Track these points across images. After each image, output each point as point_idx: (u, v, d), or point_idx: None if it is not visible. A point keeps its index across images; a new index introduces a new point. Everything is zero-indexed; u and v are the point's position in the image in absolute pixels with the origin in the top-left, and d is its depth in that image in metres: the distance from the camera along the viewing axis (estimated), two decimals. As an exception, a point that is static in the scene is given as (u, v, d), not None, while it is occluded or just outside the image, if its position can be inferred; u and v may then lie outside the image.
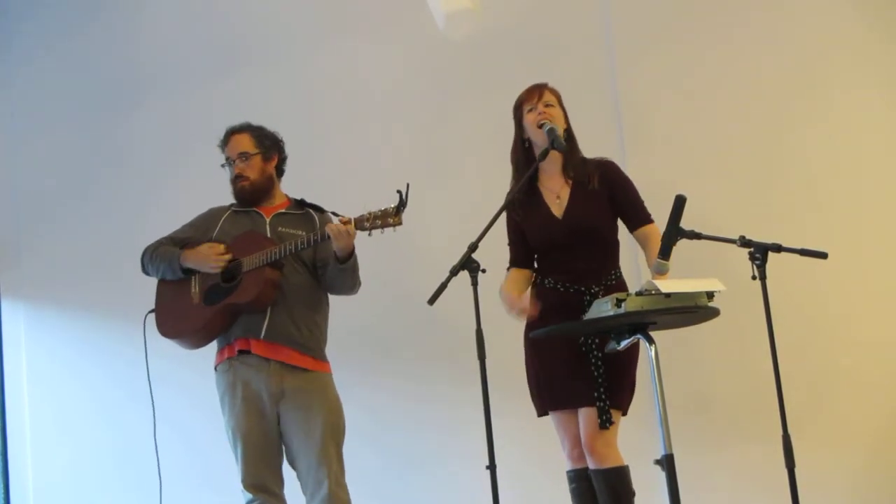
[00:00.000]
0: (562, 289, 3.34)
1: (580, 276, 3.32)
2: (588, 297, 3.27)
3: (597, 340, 3.26)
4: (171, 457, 3.90)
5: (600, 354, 3.25)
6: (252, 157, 3.66)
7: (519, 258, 3.49)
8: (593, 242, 3.37)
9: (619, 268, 3.42)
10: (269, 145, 3.70)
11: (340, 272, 3.49)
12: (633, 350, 3.28)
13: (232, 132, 3.70)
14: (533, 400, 3.43)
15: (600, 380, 3.23)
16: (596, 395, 3.23)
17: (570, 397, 3.29)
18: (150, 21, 5.35)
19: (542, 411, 3.40)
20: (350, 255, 3.46)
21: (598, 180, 3.40)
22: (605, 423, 3.21)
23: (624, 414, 3.32)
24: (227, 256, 3.55)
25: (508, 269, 3.51)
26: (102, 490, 5.04)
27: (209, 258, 3.55)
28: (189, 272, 3.60)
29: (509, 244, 3.52)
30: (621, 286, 3.37)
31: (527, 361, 3.43)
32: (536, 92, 3.44)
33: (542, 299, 3.37)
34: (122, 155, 5.30)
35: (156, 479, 3.75)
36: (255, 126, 3.72)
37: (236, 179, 3.66)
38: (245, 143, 3.67)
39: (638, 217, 3.43)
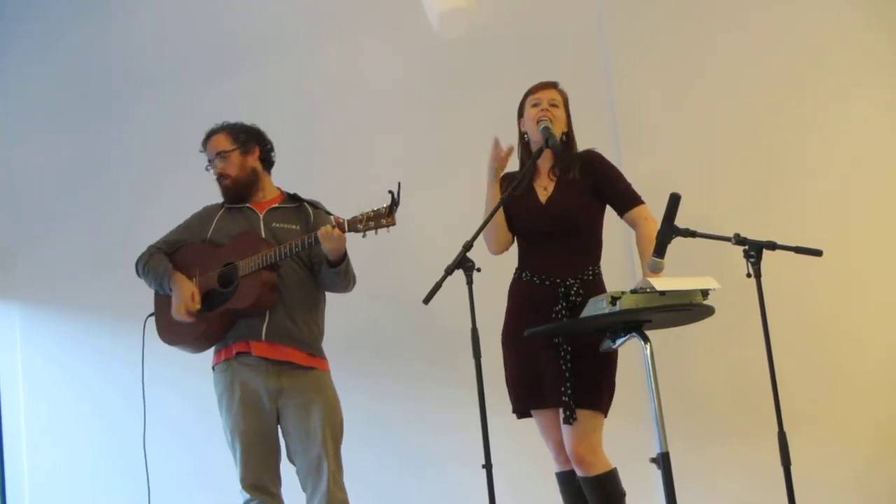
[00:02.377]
0: (537, 281, 3.35)
1: (556, 268, 3.32)
2: (563, 290, 3.28)
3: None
4: (167, 458, 3.90)
5: (569, 348, 3.23)
6: (229, 153, 3.65)
7: None
8: (573, 233, 3.36)
9: (598, 266, 3.40)
10: (246, 139, 3.69)
11: (333, 276, 3.49)
12: (611, 352, 3.26)
13: (209, 134, 3.72)
14: (511, 401, 3.40)
15: (567, 374, 3.22)
16: (562, 389, 3.21)
17: (548, 395, 3.27)
18: (146, 21, 5.35)
19: (522, 411, 3.38)
20: (342, 258, 3.45)
21: (578, 171, 3.40)
22: (568, 418, 3.19)
23: (604, 415, 3.29)
24: (198, 307, 3.52)
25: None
26: (98, 490, 5.03)
27: (180, 308, 3.51)
28: None
29: None
30: (599, 283, 3.36)
31: (504, 360, 3.41)
32: (545, 88, 3.46)
33: (518, 293, 3.39)
34: (117, 155, 5.29)
35: (152, 480, 3.75)
36: (230, 123, 3.72)
37: (219, 179, 3.67)
38: (221, 142, 3.67)
39: (624, 200, 3.40)
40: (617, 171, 3.45)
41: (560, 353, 3.24)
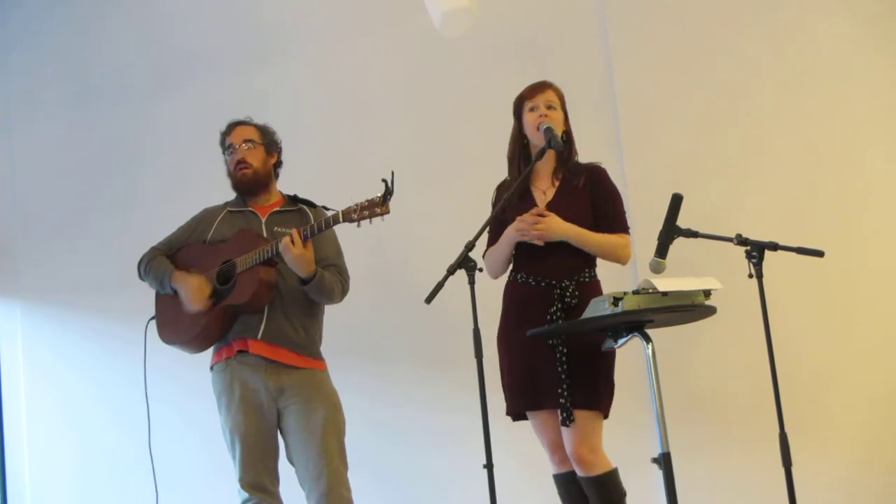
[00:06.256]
0: (532, 282, 3.33)
1: (552, 270, 3.30)
2: (558, 292, 3.26)
3: (562, 337, 3.24)
4: (170, 455, 3.89)
5: (565, 350, 3.23)
6: (257, 145, 3.65)
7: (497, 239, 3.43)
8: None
9: (594, 269, 3.38)
10: (271, 140, 3.71)
11: (308, 292, 3.48)
12: (609, 352, 3.26)
13: (236, 123, 3.70)
14: (507, 402, 3.36)
15: (563, 376, 3.20)
16: (559, 390, 3.20)
17: (543, 397, 3.26)
18: (144, 21, 5.34)
19: (515, 413, 3.35)
20: (312, 275, 3.42)
21: (583, 181, 3.39)
22: (566, 420, 3.19)
23: (605, 416, 3.27)
24: (209, 293, 3.52)
25: (486, 250, 3.46)
26: (99, 488, 5.03)
27: (192, 300, 3.49)
28: None
29: (489, 231, 3.43)
30: (595, 286, 3.35)
31: (500, 362, 3.39)
32: (540, 90, 3.42)
33: (513, 295, 3.38)
34: (117, 152, 5.28)
35: (158, 475, 3.75)
36: (257, 122, 3.73)
37: (238, 165, 3.62)
38: (250, 131, 3.67)
39: (609, 223, 3.35)
40: (617, 193, 3.42)
41: (556, 355, 3.24)
